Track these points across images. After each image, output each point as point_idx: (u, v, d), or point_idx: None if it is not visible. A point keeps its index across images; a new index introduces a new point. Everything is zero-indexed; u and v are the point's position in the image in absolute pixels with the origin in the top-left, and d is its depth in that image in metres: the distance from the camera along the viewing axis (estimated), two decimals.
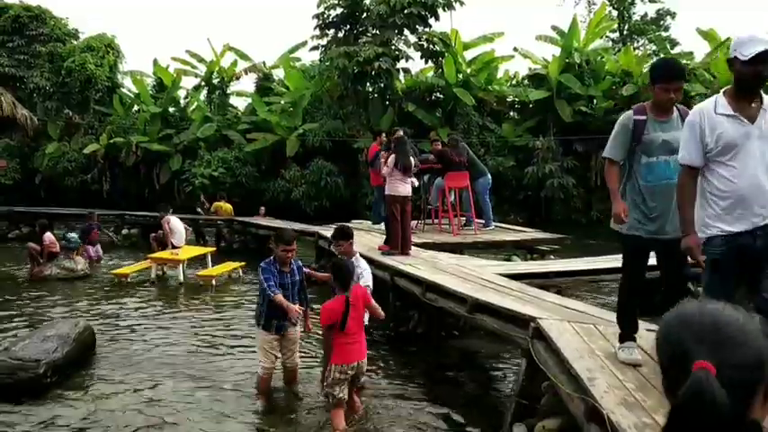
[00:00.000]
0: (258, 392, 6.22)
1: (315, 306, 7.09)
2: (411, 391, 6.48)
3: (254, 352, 6.71)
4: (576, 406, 3.92)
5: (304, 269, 6.45)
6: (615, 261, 9.50)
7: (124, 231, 17.73)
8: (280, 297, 5.92)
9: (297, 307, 5.96)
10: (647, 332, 4.49)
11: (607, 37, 29.98)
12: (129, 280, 11.88)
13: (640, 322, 4.47)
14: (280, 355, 6.30)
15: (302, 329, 6.47)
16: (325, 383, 5.42)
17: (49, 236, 12.52)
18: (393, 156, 9.25)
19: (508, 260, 11.50)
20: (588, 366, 4.11)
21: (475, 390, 6.59)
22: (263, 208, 18.33)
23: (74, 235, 13.33)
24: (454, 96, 22.58)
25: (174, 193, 24.29)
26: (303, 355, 6.95)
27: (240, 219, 16.64)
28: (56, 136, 26.52)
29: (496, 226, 12.73)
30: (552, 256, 11.11)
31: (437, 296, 7.06)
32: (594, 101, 22.63)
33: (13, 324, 8.89)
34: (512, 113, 24.67)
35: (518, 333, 5.33)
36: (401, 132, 9.82)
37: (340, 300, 5.28)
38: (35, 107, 25.11)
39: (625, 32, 35.26)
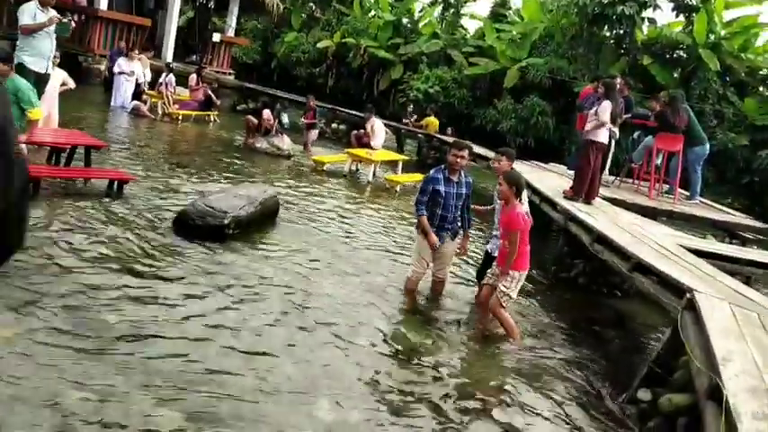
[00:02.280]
0: (404, 291, 6.52)
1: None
2: (552, 335, 6.41)
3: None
4: (700, 382, 3.68)
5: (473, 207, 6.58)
6: None
7: (333, 125, 18.82)
8: (424, 219, 6.22)
9: (435, 242, 6.23)
10: None
11: None
12: (324, 168, 12.70)
13: None
14: (431, 263, 6.50)
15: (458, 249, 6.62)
16: (505, 287, 5.74)
17: (267, 113, 13.65)
18: (606, 102, 8.73)
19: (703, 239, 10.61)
20: (729, 347, 3.81)
21: (616, 350, 6.37)
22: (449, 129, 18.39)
23: (286, 119, 14.42)
24: (698, 58, 20.56)
25: (389, 101, 25.10)
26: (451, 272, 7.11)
27: (439, 136, 16.89)
28: (296, 26, 28.33)
29: (701, 201, 11.71)
30: (755, 247, 10.05)
31: (604, 248, 6.79)
32: None
33: (216, 179, 9.99)
34: (761, 89, 22.01)
35: (671, 301, 5.02)
36: (615, 80, 9.26)
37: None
38: None
39: None
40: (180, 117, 15.11)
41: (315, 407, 4.18)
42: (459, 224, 6.49)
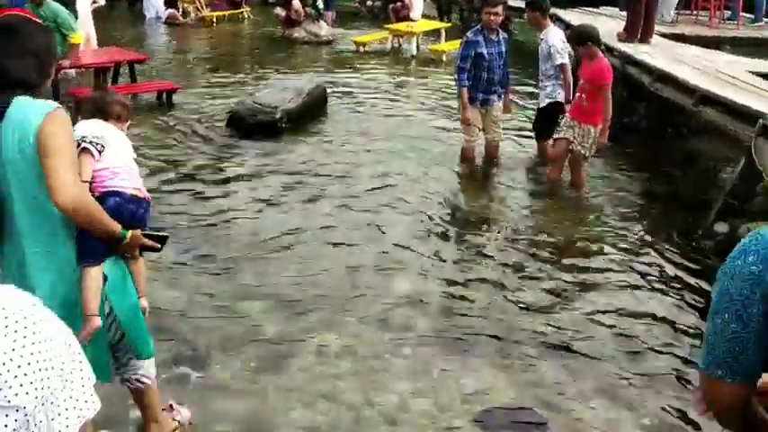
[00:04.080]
0: (461, 161, 6.48)
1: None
2: (618, 179, 6.37)
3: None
4: None
5: None
6: None
7: (368, 2, 18.18)
8: (464, 92, 6.02)
9: (469, 118, 6.05)
10: None
11: None
12: (366, 49, 12.39)
13: None
14: (482, 128, 6.39)
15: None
16: (583, 144, 5.61)
17: (296, 3, 13.21)
18: None
19: None
20: None
21: (686, 187, 6.24)
22: None
23: (320, 4, 13.94)
24: None
25: None
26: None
27: None
28: None
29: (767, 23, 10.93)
30: None
31: (665, 86, 6.51)
32: None
33: (260, 75, 9.92)
34: None
35: (742, 129, 4.82)
36: None
37: None
38: None
39: None
40: (214, 19, 14.87)
41: (393, 280, 4.31)
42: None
